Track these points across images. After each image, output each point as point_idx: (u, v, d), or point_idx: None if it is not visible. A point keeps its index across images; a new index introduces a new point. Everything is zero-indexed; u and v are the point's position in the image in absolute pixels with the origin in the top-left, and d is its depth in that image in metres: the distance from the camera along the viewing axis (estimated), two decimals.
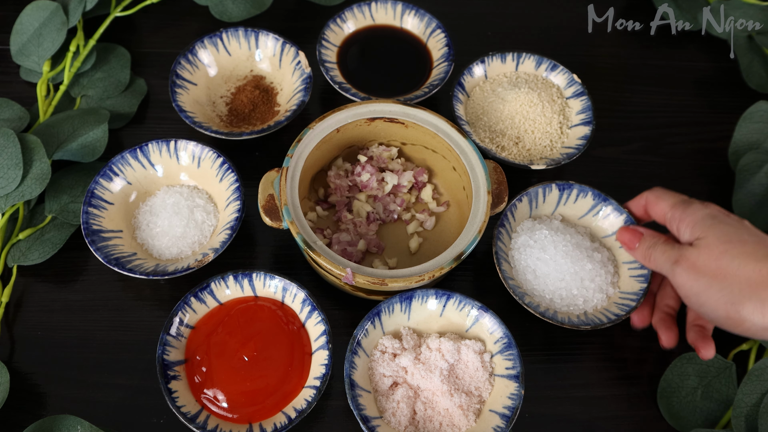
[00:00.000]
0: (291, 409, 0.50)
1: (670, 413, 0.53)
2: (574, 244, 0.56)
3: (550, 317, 0.53)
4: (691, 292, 0.47)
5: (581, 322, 0.53)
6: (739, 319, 0.45)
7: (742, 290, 0.44)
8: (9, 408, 0.52)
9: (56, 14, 0.67)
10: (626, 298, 0.55)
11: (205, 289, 0.54)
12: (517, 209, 0.58)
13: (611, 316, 0.54)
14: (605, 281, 0.55)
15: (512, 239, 0.58)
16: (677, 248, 0.49)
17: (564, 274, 0.55)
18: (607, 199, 0.58)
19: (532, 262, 0.56)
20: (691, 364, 0.54)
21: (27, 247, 0.58)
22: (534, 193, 0.58)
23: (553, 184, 0.58)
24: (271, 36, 0.68)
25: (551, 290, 0.55)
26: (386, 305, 0.53)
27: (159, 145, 0.60)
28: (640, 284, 0.55)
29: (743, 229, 0.47)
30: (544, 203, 0.59)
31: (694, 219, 0.49)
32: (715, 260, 0.46)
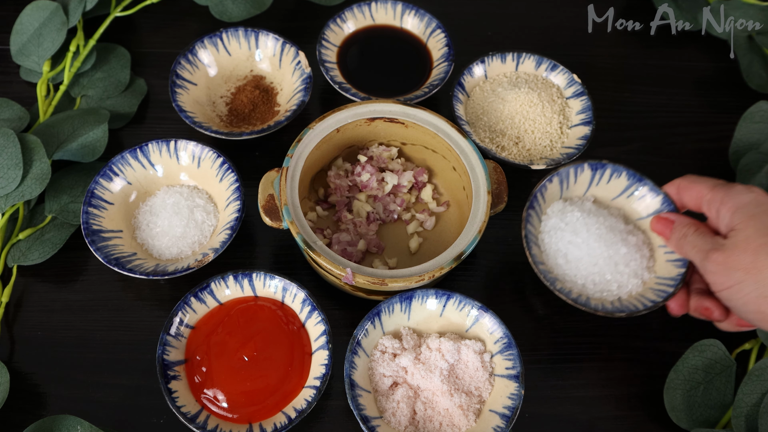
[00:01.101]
0: (291, 409, 0.50)
1: (671, 405, 0.53)
2: (608, 226, 0.53)
3: (583, 303, 0.51)
4: (722, 286, 0.45)
5: (615, 309, 0.51)
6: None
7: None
8: (9, 408, 0.52)
9: (56, 14, 0.67)
10: (663, 283, 0.52)
11: (205, 289, 0.54)
12: (547, 190, 0.55)
13: (647, 302, 0.51)
14: (640, 266, 0.53)
15: (542, 222, 0.55)
16: (710, 240, 0.46)
17: (597, 258, 0.52)
18: (643, 179, 0.55)
19: (563, 246, 0.53)
20: (701, 358, 0.54)
21: (27, 247, 0.58)
22: (565, 173, 0.56)
23: (585, 164, 0.56)
24: (271, 36, 0.68)
25: (583, 275, 0.53)
26: (386, 305, 0.53)
27: (159, 145, 0.60)
28: (678, 269, 0.52)
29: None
30: (576, 184, 0.56)
31: (736, 203, 0.46)
32: (751, 255, 0.43)
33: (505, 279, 0.61)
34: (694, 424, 0.53)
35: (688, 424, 0.53)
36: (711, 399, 0.53)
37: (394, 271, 0.51)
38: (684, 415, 0.53)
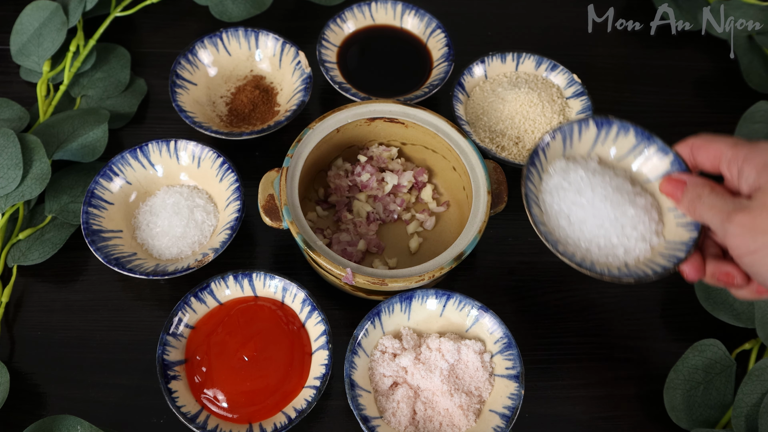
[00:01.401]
0: (291, 409, 0.50)
1: (671, 405, 0.53)
2: (615, 187, 0.49)
3: (588, 268, 0.47)
4: (746, 251, 0.41)
5: (623, 274, 0.47)
6: None
7: None
8: (9, 408, 0.52)
9: (56, 14, 0.67)
10: (673, 248, 0.48)
11: (205, 289, 0.54)
12: (549, 147, 0.51)
13: (657, 268, 0.47)
14: (649, 229, 0.49)
15: (543, 181, 0.51)
16: (730, 201, 0.42)
17: (603, 220, 0.48)
18: (652, 137, 0.50)
19: (566, 207, 0.49)
20: (701, 358, 0.54)
21: (27, 247, 0.58)
22: (568, 129, 0.51)
23: (590, 120, 0.51)
24: (271, 36, 0.68)
25: (587, 238, 0.49)
26: (386, 305, 0.53)
27: (159, 145, 0.60)
28: (690, 233, 0.47)
29: None
30: (580, 142, 0.52)
31: (764, 160, 0.41)
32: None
33: (505, 279, 0.61)
34: (694, 424, 0.53)
35: (688, 424, 0.53)
36: (711, 399, 0.53)
37: (394, 271, 0.51)
38: (684, 415, 0.53)
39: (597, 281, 0.61)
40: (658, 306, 0.60)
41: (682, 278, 0.60)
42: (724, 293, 0.57)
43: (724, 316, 0.56)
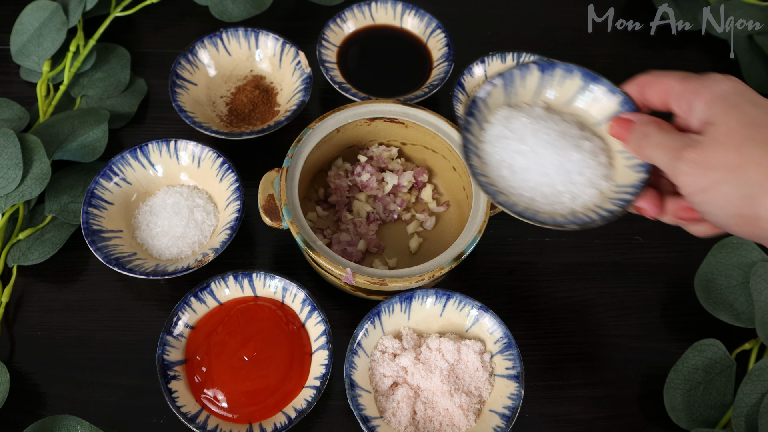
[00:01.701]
0: (291, 409, 0.50)
1: (671, 405, 0.53)
2: (559, 132, 0.47)
3: (530, 217, 0.45)
4: (697, 188, 0.39)
5: (567, 221, 0.45)
6: (753, 216, 0.38)
7: (762, 182, 0.36)
8: (9, 408, 0.52)
9: (56, 14, 0.67)
10: (622, 191, 0.46)
11: (205, 289, 0.54)
12: (490, 95, 0.49)
13: (604, 213, 0.45)
14: (597, 174, 0.47)
15: (485, 131, 0.49)
16: (679, 137, 0.40)
17: (546, 167, 0.46)
18: (598, 78, 0.48)
19: (508, 156, 0.47)
20: (701, 358, 0.54)
21: (27, 247, 0.58)
22: (509, 76, 0.49)
23: (533, 65, 0.49)
24: (271, 36, 0.68)
25: (531, 187, 0.47)
26: (386, 305, 0.53)
27: (159, 145, 0.60)
28: (639, 174, 0.45)
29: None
30: (524, 88, 0.50)
31: (714, 93, 0.39)
32: (734, 150, 0.37)
33: (505, 279, 0.61)
34: (694, 424, 0.53)
35: (688, 424, 0.53)
36: (711, 399, 0.53)
37: (394, 271, 0.51)
38: (684, 415, 0.53)
39: (597, 281, 0.61)
40: (658, 306, 0.60)
41: (682, 278, 0.60)
42: (724, 293, 0.57)
43: (724, 316, 0.56)
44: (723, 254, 0.58)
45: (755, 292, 0.55)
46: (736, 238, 0.57)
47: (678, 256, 0.62)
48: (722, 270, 0.57)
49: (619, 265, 0.62)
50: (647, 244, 0.63)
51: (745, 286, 0.57)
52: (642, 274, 0.61)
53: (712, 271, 0.58)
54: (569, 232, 0.63)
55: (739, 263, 0.57)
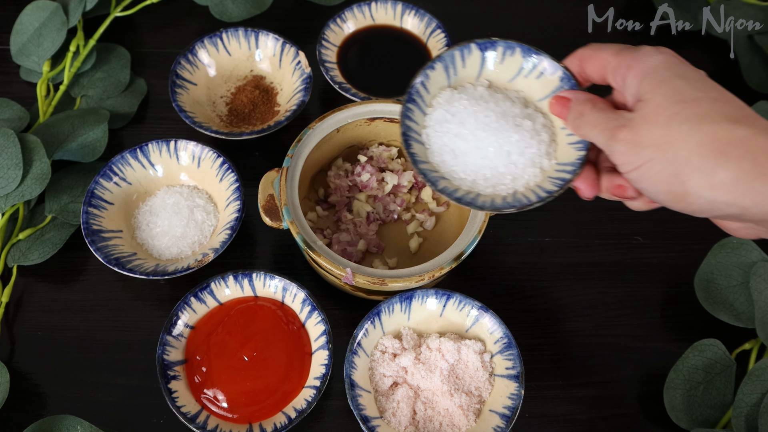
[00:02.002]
0: (291, 409, 0.50)
1: (671, 405, 0.53)
2: (499, 113, 0.46)
3: (468, 202, 0.45)
4: (631, 166, 0.39)
5: (505, 204, 0.45)
6: (683, 193, 0.37)
7: (689, 159, 0.36)
8: (9, 408, 0.52)
9: (56, 14, 0.67)
10: (562, 170, 0.45)
11: (205, 289, 0.54)
12: (430, 79, 0.48)
13: (542, 193, 0.45)
14: (538, 153, 0.46)
15: (426, 115, 0.48)
16: (612, 116, 0.40)
17: (486, 150, 0.46)
18: (539, 54, 0.47)
19: (449, 140, 0.47)
20: (701, 358, 0.54)
21: (27, 247, 0.58)
22: (449, 57, 0.48)
23: (472, 44, 0.47)
24: (271, 36, 0.68)
25: (473, 170, 0.46)
26: (386, 305, 0.53)
27: (159, 145, 0.60)
28: (578, 152, 0.45)
29: (701, 83, 0.38)
30: (465, 68, 0.48)
31: (644, 68, 0.39)
32: (661, 128, 0.37)
33: (505, 279, 0.61)
34: (694, 424, 0.53)
35: (688, 424, 0.53)
36: (711, 399, 0.53)
37: (394, 271, 0.51)
38: (684, 415, 0.53)
39: (597, 281, 0.61)
40: (658, 306, 0.60)
41: (682, 278, 0.60)
42: (724, 293, 0.57)
43: (724, 316, 0.56)
44: (723, 254, 0.58)
45: (755, 292, 0.55)
46: (736, 237, 0.57)
47: (678, 256, 0.62)
48: (722, 270, 0.57)
49: (619, 265, 0.62)
50: (647, 244, 0.63)
51: (745, 286, 0.57)
52: (642, 274, 0.61)
53: (712, 271, 0.58)
54: (568, 233, 0.63)
55: (739, 263, 0.57)
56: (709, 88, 0.38)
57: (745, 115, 0.36)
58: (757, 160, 0.35)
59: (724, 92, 0.38)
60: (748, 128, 0.35)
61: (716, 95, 0.37)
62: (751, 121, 0.36)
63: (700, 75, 0.39)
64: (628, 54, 0.40)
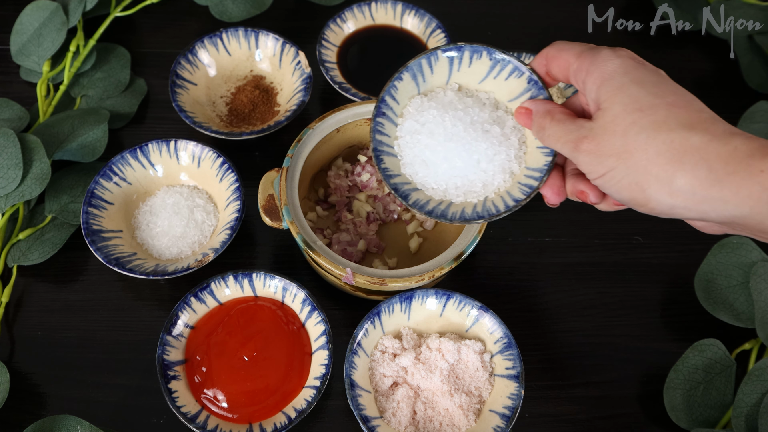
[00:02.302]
0: (291, 409, 0.50)
1: (671, 405, 0.53)
2: (468, 121, 0.46)
3: (439, 215, 0.46)
4: (596, 174, 0.40)
5: (474, 215, 0.46)
6: (645, 199, 0.38)
7: (648, 168, 0.37)
8: (9, 408, 0.52)
9: (56, 14, 0.67)
10: (530, 176, 0.46)
11: (205, 289, 0.54)
12: (398, 90, 0.48)
13: (510, 202, 0.46)
14: (508, 158, 0.46)
15: (398, 126, 0.48)
16: (573, 128, 0.40)
17: (455, 160, 0.46)
18: (505, 58, 0.46)
19: (420, 151, 0.47)
20: (701, 358, 0.54)
21: (27, 247, 0.58)
22: (416, 66, 0.48)
23: (438, 51, 0.47)
24: (271, 36, 0.68)
25: (444, 180, 0.47)
26: (386, 305, 0.53)
27: (159, 145, 0.60)
28: (546, 157, 0.45)
29: (658, 87, 0.38)
30: (433, 74, 0.48)
31: (602, 73, 0.39)
32: (620, 137, 0.38)
33: (505, 279, 0.61)
34: (694, 424, 0.53)
35: (688, 424, 0.53)
36: (711, 399, 0.53)
37: (394, 271, 0.51)
38: (684, 415, 0.53)
39: (597, 281, 0.61)
40: (658, 306, 0.60)
41: (682, 278, 0.60)
42: (724, 293, 0.57)
43: (724, 316, 0.56)
44: (723, 254, 0.58)
45: (755, 292, 0.55)
46: (736, 237, 0.57)
47: (678, 256, 0.62)
48: (722, 270, 0.57)
49: (619, 265, 0.62)
50: (647, 244, 0.63)
51: (745, 286, 0.57)
52: (642, 274, 0.61)
53: (712, 271, 0.58)
54: (568, 233, 0.63)
55: (739, 263, 0.57)
56: (666, 92, 0.38)
57: (700, 120, 0.37)
58: (712, 168, 0.35)
59: (682, 95, 0.38)
60: (702, 135, 0.36)
61: (673, 100, 0.38)
62: (705, 126, 0.36)
63: (659, 77, 0.39)
64: (588, 57, 0.40)
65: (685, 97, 0.38)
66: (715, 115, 0.37)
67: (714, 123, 0.37)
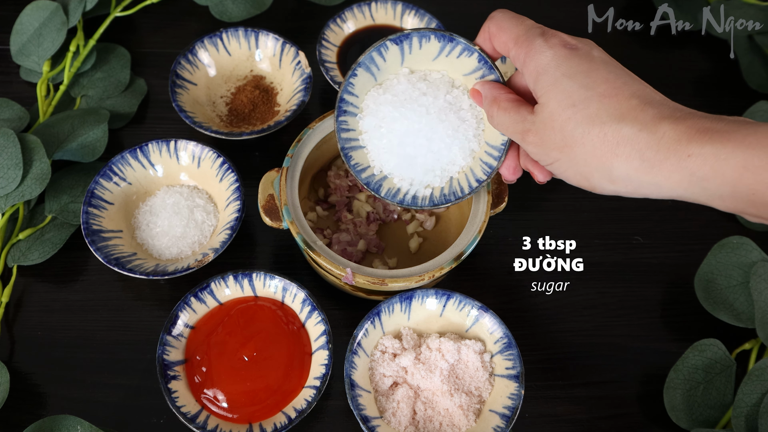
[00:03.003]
0: (291, 409, 0.50)
1: (671, 405, 0.53)
2: (422, 112, 0.48)
3: (410, 203, 0.50)
4: (544, 163, 0.42)
5: (442, 199, 0.50)
6: (590, 186, 0.41)
7: (587, 160, 0.39)
8: (9, 408, 0.52)
9: (56, 14, 0.67)
10: (490, 154, 0.49)
11: (205, 289, 0.54)
12: (355, 87, 0.50)
13: (473, 182, 0.49)
14: (467, 138, 0.49)
15: (361, 120, 0.51)
16: (518, 119, 0.42)
17: (418, 148, 0.49)
18: (453, 39, 0.47)
19: (384, 144, 0.50)
20: (701, 358, 0.54)
21: (27, 247, 0.58)
22: (368, 60, 0.49)
23: (387, 41, 0.48)
24: (271, 36, 0.68)
25: (409, 168, 0.50)
26: (386, 305, 0.53)
27: (159, 145, 0.60)
28: (502, 136, 0.48)
29: (589, 78, 0.39)
30: (387, 62, 0.49)
31: (536, 66, 0.40)
32: (559, 133, 0.39)
33: (505, 279, 0.61)
34: (694, 424, 0.53)
35: (688, 424, 0.53)
36: (711, 399, 0.53)
37: (394, 271, 0.51)
38: (684, 415, 0.53)
39: (597, 281, 0.61)
40: (658, 306, 0.60)
41: (682, 278, 0.60)
42: (724, 293, 0.57)
43: (724, 316, 0.56)
44: (723, 254, 0.58)
45: (755, 292, 0.55)
46: (737, 237, 0.57)
47: (678, 256, 0.62)
48: (722, 270, 0.57)
49: (619, 265, 0.62)
50: (647, 244, 0.63)
51: (745, 286, 0.57)
52: (642, 274, 0.61)
53: (712, 271, 0.58)
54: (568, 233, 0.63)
55: (739, 263, 0.57)
56: (597, 82, 0.39)
57: (630, 109, 0.38)
58: (644, 157, 0.37)
59: (612, 82, 0.39)
60: (632, 125, 0.37)
61: (603, 89, 0.38)
62: (635, 115, 0.38)
63: (591, 65, 0.39)
64: (523, 47, 0.41)
65: (615, 83, 0.39)
66: (647, 98, 0.38)
67: (643, 110, 0.38)
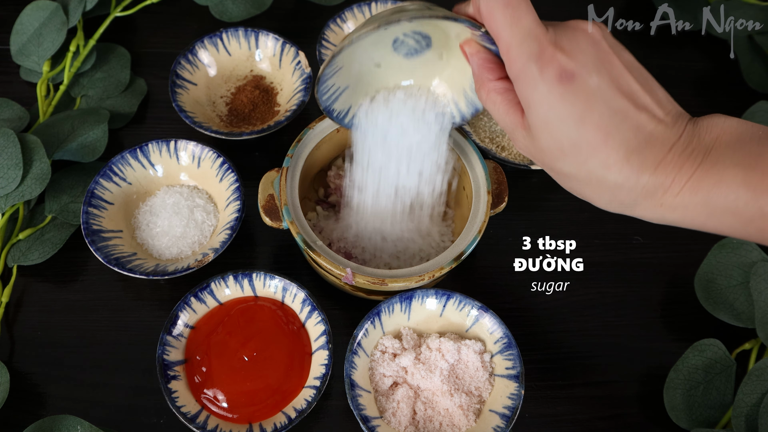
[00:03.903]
0: (291, 409, 0.50)
1: (671, 405, 0.53)
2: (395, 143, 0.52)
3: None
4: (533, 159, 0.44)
5: None
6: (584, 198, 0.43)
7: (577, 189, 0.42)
8: (9, 408, 0.52)
9: (56, 14, 0.67)
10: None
11: (205, 289, 0.54)
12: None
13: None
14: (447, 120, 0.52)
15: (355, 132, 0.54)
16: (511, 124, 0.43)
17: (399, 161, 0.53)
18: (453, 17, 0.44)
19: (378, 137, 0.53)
20: (701, 357, 0.54)
21: (27, 247, 0.58)
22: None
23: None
24: (271, 36, 0.68)
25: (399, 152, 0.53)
26: (386, 305, 0.53)
27: (159, 145, 0.60)
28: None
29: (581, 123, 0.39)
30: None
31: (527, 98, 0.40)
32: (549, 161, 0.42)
33: (505, 279, 0.61)
34: (694, 424, 0.53)
35: (688, 424, 0.53)
36: (711, 399, 0.53)
37: (394, 271, 0.51)
38: (684, 415, 0.53)
39: (597, 281, 0.61)
40: (658, 306, 0.60)
41: (682, 278, 0.60)
42: (724, 293, 0.57)
43: (724, 316, 0.56)
44: (723, 254, 0.58)
45: (755, 292, 0.55)
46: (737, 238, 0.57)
47: (678, 256, 0.62)
48: (722, 270, 0.57)
49: (619, 265, 0.62)
50: (647, 244, 0.63)
51: (745, 286, 0.57)
52: (642, 274, 0.61)
53: (712, 271, 0.58)
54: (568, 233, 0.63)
55: (739, 263, 0.57)
56: (588, 129, 0.39)
57: (616, 161, 0.38)
58: (624, 202, 0.40)
59: (605, 127, 0.39)
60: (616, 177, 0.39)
61: (592, 138, 0.39)
62: (619, 167, 0.39)
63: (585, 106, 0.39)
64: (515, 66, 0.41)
65: (608, 128, 0.39)
66: (636, 143, 0.39)
67: (628, 161, 0.39)
